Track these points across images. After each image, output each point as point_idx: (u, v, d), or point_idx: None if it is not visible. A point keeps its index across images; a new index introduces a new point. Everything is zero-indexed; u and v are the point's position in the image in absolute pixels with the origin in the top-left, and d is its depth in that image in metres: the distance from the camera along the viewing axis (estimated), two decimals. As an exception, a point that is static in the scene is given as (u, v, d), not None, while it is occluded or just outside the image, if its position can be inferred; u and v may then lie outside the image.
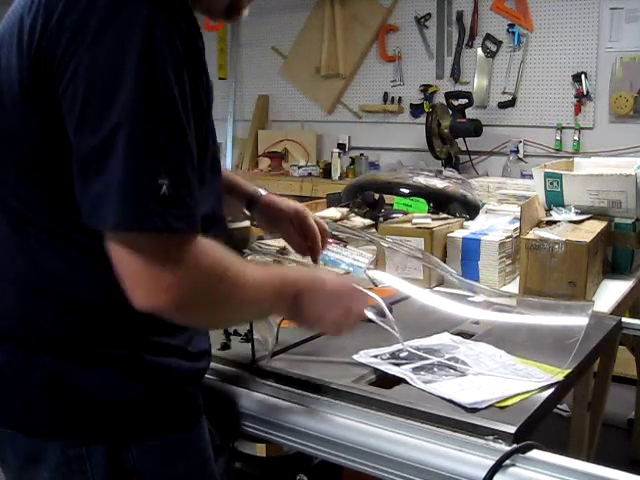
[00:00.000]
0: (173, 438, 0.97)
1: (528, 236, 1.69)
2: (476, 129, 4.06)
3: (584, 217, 1.87)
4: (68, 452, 0.92)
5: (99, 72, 0.80)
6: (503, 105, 4.28)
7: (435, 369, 1.15)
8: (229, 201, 1.31)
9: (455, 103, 4.17)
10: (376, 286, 1.58)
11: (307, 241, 1.35)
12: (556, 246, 1.62)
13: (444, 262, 1.71)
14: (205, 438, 1.03)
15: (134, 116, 0.80)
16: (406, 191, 2.17)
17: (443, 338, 1.31)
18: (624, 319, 1.55)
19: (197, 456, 1.01)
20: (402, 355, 1.20)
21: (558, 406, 1.45)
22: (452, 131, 4.08)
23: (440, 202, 2.09)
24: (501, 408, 1.03)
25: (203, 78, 0.91)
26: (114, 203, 0.80)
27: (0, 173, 0.91)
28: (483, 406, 1.03)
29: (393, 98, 4.63)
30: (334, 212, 2.17)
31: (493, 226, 1.89)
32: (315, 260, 1.32)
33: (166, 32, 0.82)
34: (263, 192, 1.36)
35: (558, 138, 4.13)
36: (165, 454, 0.96)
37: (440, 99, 4.36)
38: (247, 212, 1.36)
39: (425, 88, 4.51)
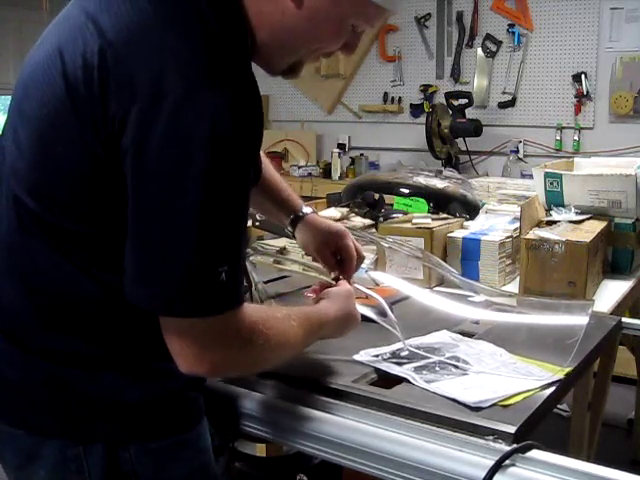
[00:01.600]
0: (172, 440, 0.96)
1: (528, 236, 1.69)
2: (476, 129, 4.06)
3: (584, 217, 1.87)
4: (66, 451, 0.92)
5: (167, 152, 0.80)
6: (503, 105, 4.28)
7: (437, 368, 1.15)
8: (274, 213, 1.34)
9: (455, 103, 4.17)
10: (377, 286, 1.58)
11: (341, 261, 1.32)
12: (556, 246, 1.62)
13: (444, 262, 1.71)
14: (206, 440, 1.03)
15: (201, 205, 0.81)
16: (406, 191, 2.17)
17: (442, 336, 1.31)
18: (624, 319, 1.55)
19: (197, 458, 1.01)
20: (403, 354, 1.20)
21: (558, 406, 1.45)
22: (452, 131, 4.08)
23: (440, 202, 2.09)
24: (504, 407, 1.03)
25: (257, 155, 0.91)
26: (173, 291, 0.83)
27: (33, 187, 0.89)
28: (487, 405, 1.03)
29: (393, 98, 4.64)
30: (334, 212, 2.17)
31: (493, 226, 1.89)
32: (348, 280, 1.29)
33: (234, 123, 0.82)
34: (308, 210, 1.36)
35: (558, 138, 4.13)
36: (164, 456, 0.96)
37: (440, 99, 4.36)
38: (289, 228, 1.36)
39: (425, 88, 4.51)
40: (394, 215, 2.03)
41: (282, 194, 1.35)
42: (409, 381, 1.11)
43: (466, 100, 4.14)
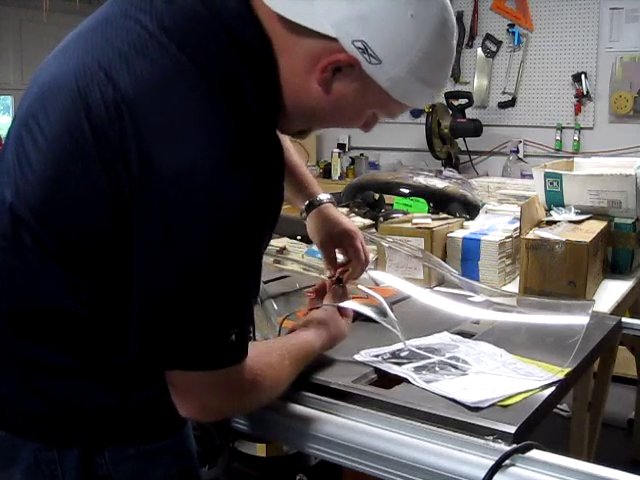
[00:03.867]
0: (151, 446, 0.95)
1: (528, 236, 1.69)
2: (476, 129, 4.06)
3: (584, 217, 1.87)
4: (40, 455, 0.90)
5: (192, 227, 0.81)
6: (503, 105, 4.28)
7: (437, 368, 1.15)
8: (290, 196, 1.32)
9: (455, 103, 4.18)
10: (377, 286, 1.58)
11: (347, 262, 1.31)
12: (556, 246, 1.62)
13: (444, 262, 1.71)
14: (188, 446, 1.02)
15: (220, 276, 0.83)
16: (406, 191, 2.17)
17: (443, 337, 1.31)
18: (624, 319, 1.55)
19: (177, 464, 1.00)
20: (403, 354, 1.20)
21: (558, 406, 1.45)
22: (452, 131, 4.08)
23: (440, 202, 2.09)
24: (504, 407, 1.03)
25: (275, 224, 0.92)
26: (184, 351, 0.85)
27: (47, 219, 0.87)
28: (486, 405, 1.03)
29: (393, 98, 4.63)
30: (334, 212, 2.17)
31: (493, 226, 1.89)
32: (343, 282, 1.28)
33: (259, 204, 0.83)
34: (325, 197, 1.34)
35: (558, 138, 4.14)
36: (142, 462, 0.94)
37: (440, 99, 4.36)
38: (304, 213, 1.34)
39: (425, 88, 4.51)
40: (394, 215, 2.03)
41: (299, 177, 1.32)
42: (409, 381, 1.11)
43: (466, 100, 4.14)
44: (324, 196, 1.34)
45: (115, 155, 0.81)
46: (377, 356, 1.20)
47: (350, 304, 1.24)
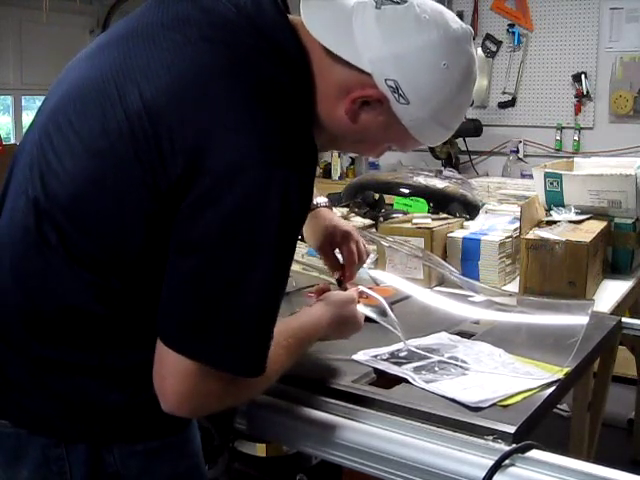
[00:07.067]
0: (158, 443, 0.95)
1: (528, 236, 1.69)
2: (476, 129, 4.06)
3: (584, 217, 1.87)
4: (48, 452, 0.91)
5: (239, 225, 0.83)
6: (503, 105, 4.28)
7: (436, 368, 1.15)
8: None
9: (455, 103, 4.17)
10: (377, 285, 1.58)
11: (342, 263, 1.32)
12: (556, 246, 1.62)
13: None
14: (194, 443, 1.02)
15: (267, 274, 0.85)
16: (406, 191, 2.17)
17: (441, 338, 1.31)
18: (624, 319, 1.55)
19: (184, 461, 1.00)
20: (402, 355, 1.20)
21: (558, 406, 1.45)
22: (452, 131, 4.07)
23: (440, 202, 2.09)
24: (504, 407, 1.03)
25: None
26: (240, 354, 0.86)
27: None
28: (487, 405, 1.03)
29: (393, 98, 4.63)
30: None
31: (493, 226, 1.89)
32: (343, 283, 1.29)
33: (300, 201, 0.86)
34: (322, 200, 1.35)
35: (558, 138, 4.13)
36: (149, 459, 0.95)
37: (440, 99, 4.36)
38: None
39: (425, 88, 4.51)
40: (394, 215, 2.03)
41: None
42: (409, 381, 1.11)
43: (466, 100, 4.14)
44: (321, 199, 1.35)
45: (155, 155, 0.83)
46: (376, 356, 1.20)
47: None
